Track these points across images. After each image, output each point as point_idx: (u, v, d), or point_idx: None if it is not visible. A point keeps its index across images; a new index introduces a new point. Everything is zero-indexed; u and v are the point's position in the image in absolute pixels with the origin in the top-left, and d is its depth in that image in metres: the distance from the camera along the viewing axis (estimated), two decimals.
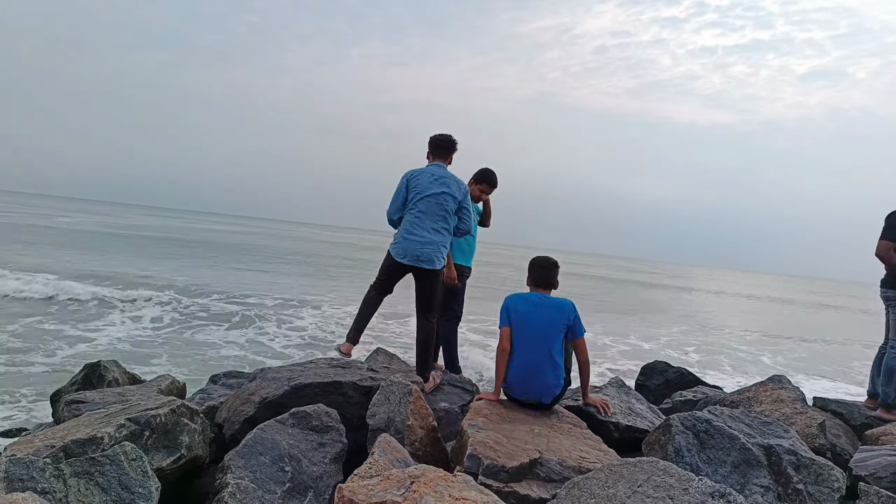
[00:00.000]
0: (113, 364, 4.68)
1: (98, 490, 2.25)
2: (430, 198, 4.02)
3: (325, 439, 2.95)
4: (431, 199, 4.02)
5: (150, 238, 33.40)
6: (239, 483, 2.48)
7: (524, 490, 2.50)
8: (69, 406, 3.61)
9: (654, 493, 2.13)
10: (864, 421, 4.12)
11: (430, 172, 4.10)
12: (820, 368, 12.20)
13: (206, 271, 18.99)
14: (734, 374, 11.21)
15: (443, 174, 4.10)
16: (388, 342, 9.43)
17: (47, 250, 20.19)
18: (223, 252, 28.70)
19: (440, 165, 4.17)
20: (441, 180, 4.06)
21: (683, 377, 5.39)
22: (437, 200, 4.03)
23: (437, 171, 4.11)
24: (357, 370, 3.97)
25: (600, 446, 2.99)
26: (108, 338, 8.72)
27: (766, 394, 4.08)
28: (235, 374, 4.76)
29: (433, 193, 4.02)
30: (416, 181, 4.08)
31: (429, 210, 4.02)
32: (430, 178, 4.06)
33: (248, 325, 10.76)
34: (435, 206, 4.02)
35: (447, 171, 4.16)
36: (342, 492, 2.00)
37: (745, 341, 15.12)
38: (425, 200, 4.02)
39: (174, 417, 2.84)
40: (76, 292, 11.64)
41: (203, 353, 8.35)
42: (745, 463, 2.71)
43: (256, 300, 13.47)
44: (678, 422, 2.88)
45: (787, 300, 39.47)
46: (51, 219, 41.72)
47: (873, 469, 2.87)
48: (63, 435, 2.66)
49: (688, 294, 34.26)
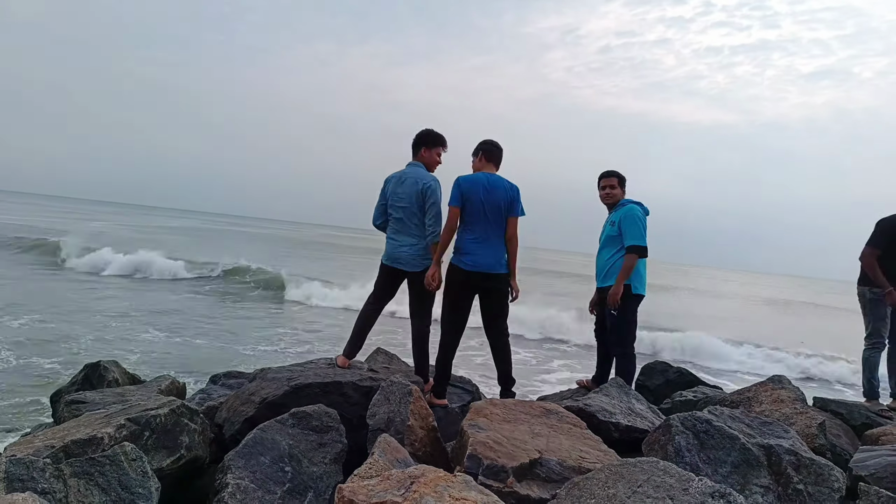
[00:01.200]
0: (113, 364, 4.68)
1: (98, 490, 2.25)
2: (403, 201, 4.02)
3: (325, 439, 2.95)
4: (404, 202, 4.01)
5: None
6: (239, 483, 2.48)
7: (524, 490, 2.50)
8: (69, 406, 3.61)
9: (655, 494, 2.13)
10: (864, 421, 4.12)
11: (400, 176, 4.08)
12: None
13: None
14: (734, 374, 11.22)
15: (410, 174, 4.05)
16: (389, 343, 9.44)
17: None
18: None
19: (415, 164, 4.13)
20: (408, 181, 4.02)
21: (683, 377, 5.39)
22: (409, 203, 4.00)
23: (406, 172, 4.09)
24: (357, 370, 3.98)
25: (600, 446, 2.99)
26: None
27: (765, 394, 4.08)
28: (235, 375, 4.77)
29: (404, 196, 4.01)
30: (390, 185, 4.09)
31: (403, 214, 4.03)
32: (399, 182, 4.05)
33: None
34: (409, 209, 4.01)
35: (419, 170, 4.09)
36: (342, 492, 2.00)
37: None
38: (399, 205, 4.03)
39: (174, 418, 2.84)
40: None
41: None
42: (745, 463, 2.71)
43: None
44: (678, 422, 2.88)
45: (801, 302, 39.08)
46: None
47: (873, 469, 2.87)
48: (63, 435, 2.66)
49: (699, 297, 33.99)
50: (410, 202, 4.00)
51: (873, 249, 4.50)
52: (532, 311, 13.34)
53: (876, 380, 4.59)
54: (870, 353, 4.58)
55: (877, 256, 4.48)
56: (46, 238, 21.60)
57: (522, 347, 11.13)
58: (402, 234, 4.06)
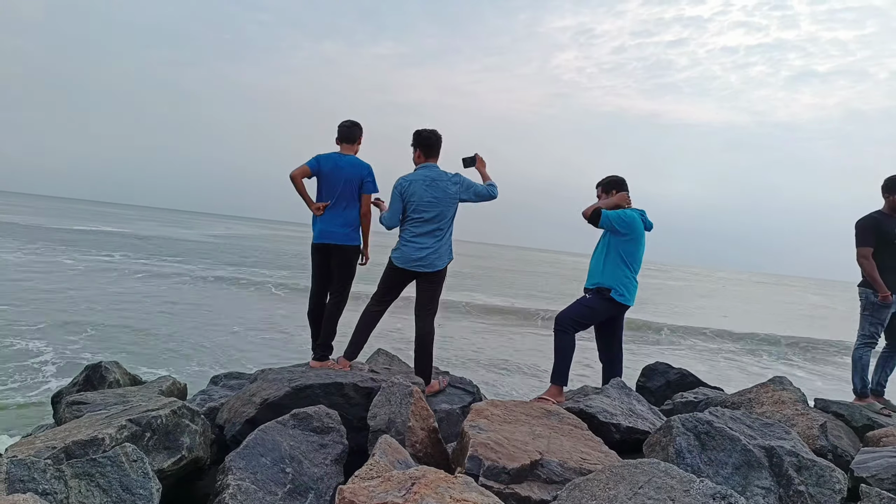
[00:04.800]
0: (114, 365, 4.68)
1: (99, 491, 2.25)
2: (426, 204, 4.02)
3: (326, 440, 2.95)
4: (428, 205, 4.02)
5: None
6: (240, 484, 2.47)
7: (525, 492, 2.50)
8: (70, 407, 3.61)
9: (656, 495, 2.13)
10: (865, 423, 4.11)
11: (423, 177, 4.07)
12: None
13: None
14: (735, 374, 11.21)
15: (435, 176, 4.07)
16: (389, 343, 9.44)
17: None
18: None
19: (431, 166, 4.13)
20: (435, 184, 4.04)
21: (685, 378, 5.38)
22: (434, 206, 4.02)
23: (430, 174, 4.08)
24: (358, 371, 3.98)
25: (601, 448, 2.99)
26: None
27: (767, 395, 4.08)
28: (236, 376, 4.76)
29: (429, 201, 4.01)
30: (411, 189, 4.05)
31: (426, 216, 4.03)
32: (424, 185, 4.04)
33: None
34: (433, 212, 4.02)
35: (438, 170, 4.12)
36: (343, 493, 2.00)
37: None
38: (423, 208, 4.03)
39: (175, 419, 2.84)
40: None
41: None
42: (746, 464, 2.71)
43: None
44: (679, 423, 2.88)
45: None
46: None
47: (875, 471, 2.86)
48: (64, 436, 2.66)
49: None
50: (445, 205, 4.04)
51: (868, 249, 4.50)
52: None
53: (867, 379, 4.60)
54: (862, 352, 4.59)
55: (871, 255, 4.49)
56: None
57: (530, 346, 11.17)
58: (425, 236, 4.04)
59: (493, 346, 11.81)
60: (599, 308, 4.22)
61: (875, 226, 4.52)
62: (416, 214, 4.06)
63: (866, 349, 4.58)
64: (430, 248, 4.04)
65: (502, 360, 10.38)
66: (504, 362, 10.24)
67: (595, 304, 4.21)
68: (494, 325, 15.03)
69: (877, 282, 4.45)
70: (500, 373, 9.50)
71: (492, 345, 12.00)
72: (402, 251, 4.08)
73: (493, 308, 17.87)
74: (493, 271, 36.50)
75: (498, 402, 3.44)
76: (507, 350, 11.62)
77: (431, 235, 4.05)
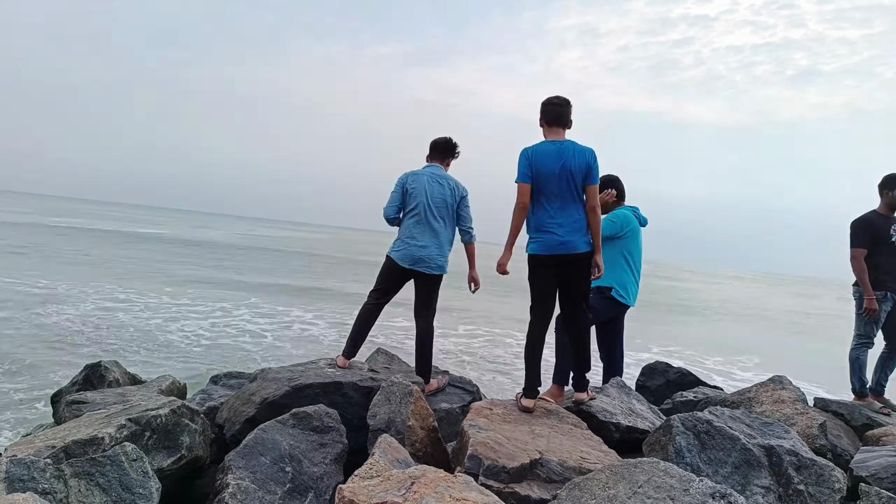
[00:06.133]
0: (113, 364, 4.67)
1: (99, 491, 2.25)
2: (430, 201, 4.01)
3: (326, 440, 2.95)
4: (431, 202, 4.01)
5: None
6: (239, 483, 2.48)
7: (525, 491, 2.50)
8: (70, 406, 3.61)
9: (655, 494, 2.13)
10: (865, 422, 4.12)
11: (429, 174, 4.08)
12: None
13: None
14: (735, 375, 11.21)
15: (441, 175, 4.10)
16: (389, 343, 9.45)
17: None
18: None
19: (438, 167, 4.16)
20: (440, 181, 4.06)
21: (684, 378, 5.38)
22: (437, 203, 4.02)
23: (436, 173, 4.10)
24: (357, 371, 3.97)
25: (601, 447, 2.99)
26: None
27: (766, 394, 4.08)
28: (236, 375, 4.76)
29: (432, 196, 4.01)
30: (414, 184, 4.04)
31: (429, 213, 4.01)
32: (429, 180, 4.04)
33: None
34: (435, 209, 4.02)
35: (445, 172, 4.16)
36: (343, 492, 2.00)
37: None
38: (425, 204, 4.01)
39: (175, 418, 2.84)
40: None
41: None
42: (745, 464, 2.71)
43: None
44: (679, 422, 2.88)
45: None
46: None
47: (874, 470, 2.87)
48: (64, 435, 2.66)
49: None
50: (448, 205, 4.04)
51: (861, 250, 4.50)
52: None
53: (865, 378, 4.61)
54: (858, 352, 4.60)
55: (864, 256, 4.49)
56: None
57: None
58: (426, 235, 4.02)
59: (493, 346, 11.84)
60: (600, 308, 4.21)
61: (869, 226, 4.52)
62: (417, 210, 4.04)
63: (862, 349, 4.58)
64: (432, 247, 4.04)
65: (502, 360, 10.41)
66: (504, 362, 10.27)
67: (596, 304, 4.21)
68: (495, 325, 15.05)
69: (864, 284, 4.46)
70: (499, 372, 9.52)
71: (492, 344, 12.02)
72: (404, 250, 4.08)
73: (493, 308, 17.89)
74: (494, 270, 36.49)
75: (497, 402, 3.44)
76: (506, 349, 11.65)
77: (433, 235, 4.05)
